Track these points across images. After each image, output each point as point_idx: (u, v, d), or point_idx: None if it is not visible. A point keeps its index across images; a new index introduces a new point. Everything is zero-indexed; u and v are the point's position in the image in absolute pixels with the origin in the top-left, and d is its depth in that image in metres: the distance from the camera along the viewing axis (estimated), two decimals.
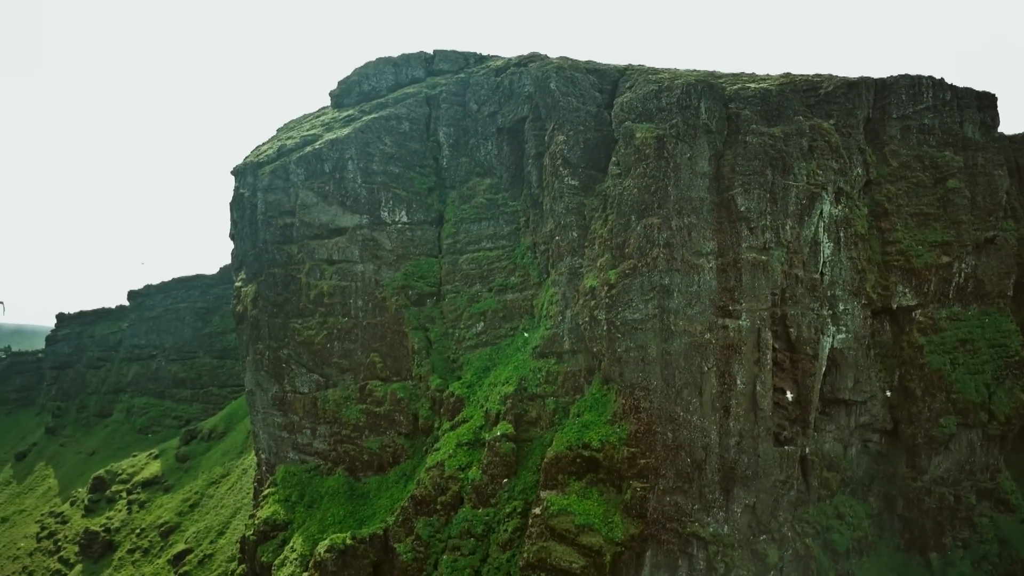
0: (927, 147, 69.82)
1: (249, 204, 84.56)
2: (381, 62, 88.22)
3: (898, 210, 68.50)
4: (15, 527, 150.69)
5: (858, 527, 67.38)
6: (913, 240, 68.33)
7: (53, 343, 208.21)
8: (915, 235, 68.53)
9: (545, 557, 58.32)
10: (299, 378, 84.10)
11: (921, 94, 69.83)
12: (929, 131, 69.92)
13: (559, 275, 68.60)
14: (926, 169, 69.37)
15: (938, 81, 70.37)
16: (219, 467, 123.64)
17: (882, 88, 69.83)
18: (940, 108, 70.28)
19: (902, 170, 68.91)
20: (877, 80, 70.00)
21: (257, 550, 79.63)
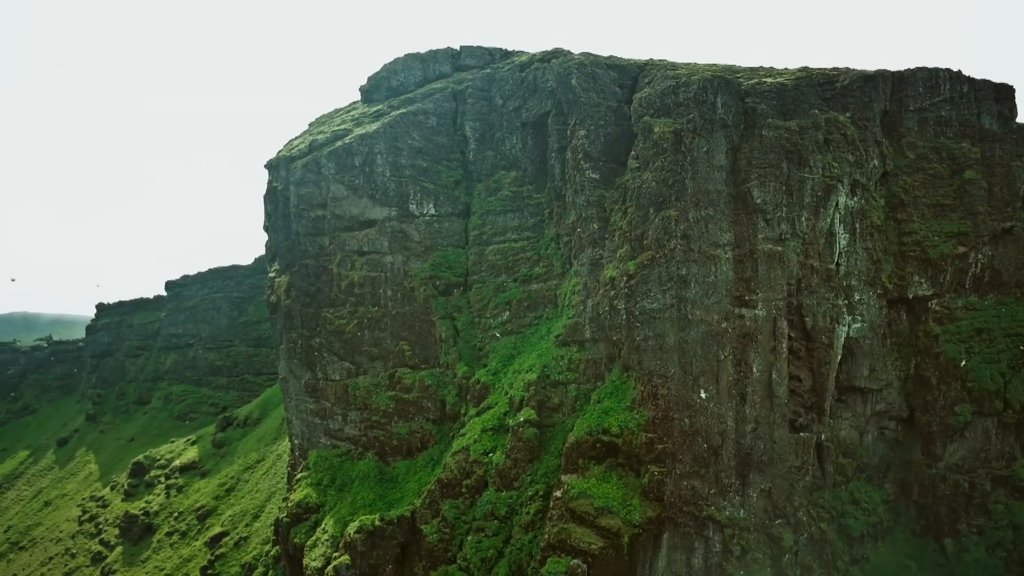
0: (944, 139, 71.29)
1: (282, 197, 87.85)
2: (409, 58, 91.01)
3: (915, 201, 70.08)
4: (58, 511, 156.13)
5: (873, 512, 69.28)
6: (930, 231, 69.91)
7: (93, 332, 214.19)
8: (932, 226, 70.10)
9: (565, 538, 60.85)
10: (331, 366, 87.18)
11: (938, 86, 71.25)
12: (946, 123, 71.37)
13: (581, 266, 71.01)
14: (943, 160, 70.87)
15: (955, 73, 71.78)
16: (254, 453, 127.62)
17: (899, 81, 71.34)
18: (957, 100, 71.67)
19: (919, 161, 70.47)
20: (894, 73, 71.52)
21: (290, 532, 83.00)
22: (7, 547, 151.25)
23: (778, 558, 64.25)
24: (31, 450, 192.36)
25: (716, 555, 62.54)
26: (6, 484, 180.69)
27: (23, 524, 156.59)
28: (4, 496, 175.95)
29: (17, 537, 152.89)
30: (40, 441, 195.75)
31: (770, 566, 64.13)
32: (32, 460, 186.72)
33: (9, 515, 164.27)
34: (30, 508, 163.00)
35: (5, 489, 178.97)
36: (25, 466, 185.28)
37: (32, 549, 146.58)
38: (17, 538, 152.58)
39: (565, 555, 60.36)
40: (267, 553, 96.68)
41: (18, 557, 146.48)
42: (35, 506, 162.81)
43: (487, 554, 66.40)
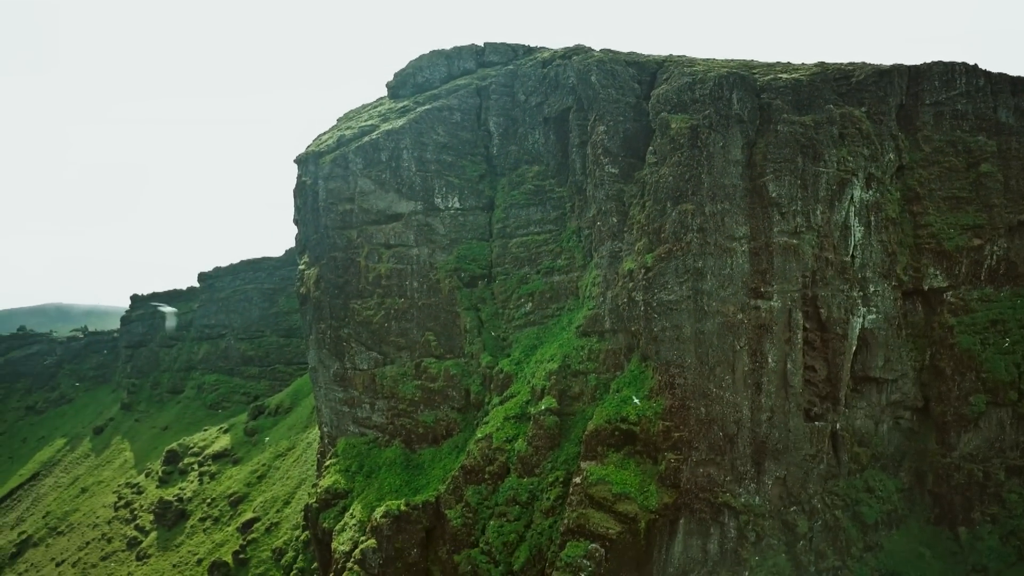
0: (960, 132, 72.61)
1: (311, 191, 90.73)
2: (434, 55, 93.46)
3: (930, 194, 71.59)
4: (94, 497, 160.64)
5: (888, 501, 71.00)
6: (945, 223, 71.38)
7: (128, 323, 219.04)
8: (947, 218, 71.56)
9: (584, 523, 63.11)
10: (359, 356, 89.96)
11: (954, 80, 72.57)
12: (962, 116, 72.68)
13: (600, 258, 73.18)
14: (959, 154, 72.24)
15: (971, 67, 73.05)
16: (285, 440, 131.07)
17: (915, 75, 72.79)
18: (973, 94, 72.93)
19: (935, 155, 71.92)
20: (911, 67, 72.97)
21: (319, 517, 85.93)
22: (45, 532, 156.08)
23: (792, 544, 66.27)
24: (68, 438, 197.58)
25: (731, 540, 64.58)
26: (44, 471, 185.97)
27: (61, 510, 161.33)
28: (42, 483, 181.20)
29: (55, 523, 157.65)
30: (77, 430, 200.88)
31: (784, 552, 66.16)
32: (69, 448, 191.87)
33: (47, 501, 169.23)
34: (67, 495, 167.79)
35: (43, 476, 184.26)
36: (62, 454, 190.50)
37: (70, 534, 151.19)
38: (55, 523, 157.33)
39: (584, 539, 62.60)
40: (297, 538, 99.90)
41: (56, 542, 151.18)
42: (72, 492, 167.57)
43: (509, 538, 68.86)
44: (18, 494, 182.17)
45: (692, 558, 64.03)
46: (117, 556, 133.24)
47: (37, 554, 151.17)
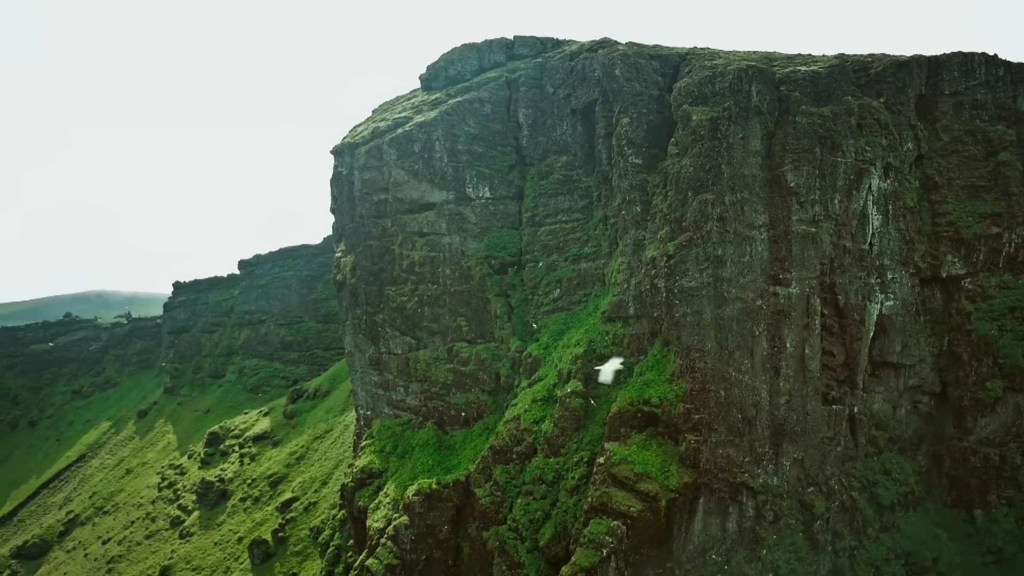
0: (979, 121, 74.46)
1: (347, 182, 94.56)
2: (466, 48, 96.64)
3: (949, 183, 73.65)
4: (138, 478, 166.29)
5: (904, 483, 73.39)
6: (963, 211, 73.41)
7: (170, 309, 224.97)
8: (965, 206, 73.57)
9: (607, 501, 66.00)
10: (393, 340, 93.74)
11: (974, 70, 74.40)
12: (982, 106, 74.52)
13: (625, 246, 76.06)
14: (978, 143, 74.12)
15: (991, 57, 74.77)
16: (323, 423, 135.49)
17: (935, 66, 74.71)
18: (993, 84, 74.71)
19: (954, 144, 73.91)
20: (930, 58, 74.87)
21: (355, 495, 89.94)
22: (92, 512, 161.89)
23: (810, 524, 68.91)
24: (113, 421, 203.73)
25: (749, 520, 67.30)
26: (90, 453, 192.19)
27: (107, 490, 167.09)
28: (89, 464, 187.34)
29: (101, 502, 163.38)
30: (121, 413, 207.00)
31: (802, 531, 68.84)
32: (114, 431, 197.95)
33: (94, 482, 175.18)
34: (113, 475, 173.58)
35: (90, 458, 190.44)
36: (107, 436, 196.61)
37: (115, 513, 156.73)
38: (101, 503, 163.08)
39: (606, 517, 65.29)
40: (334, 517, 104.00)
41: (103, 521, 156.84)
42: (117, 474, 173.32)
43: (535, 516, 72.05)
44: (65, 475, 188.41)
45: (711, 536, 66.79)
46: (161, 534, 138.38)
47: (84, 532, 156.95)
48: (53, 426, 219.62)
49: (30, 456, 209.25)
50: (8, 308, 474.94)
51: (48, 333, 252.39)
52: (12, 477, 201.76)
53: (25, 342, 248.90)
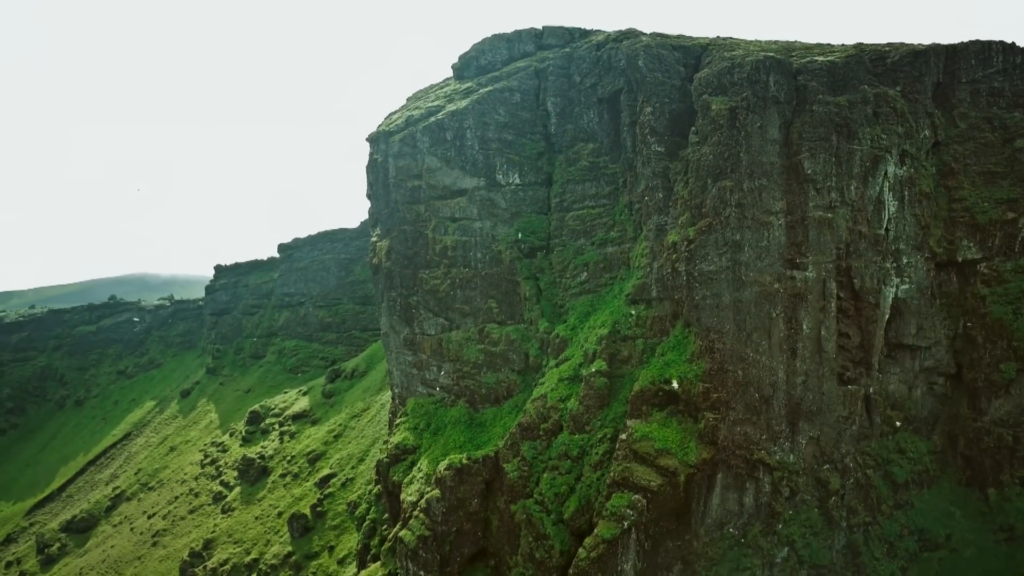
0: (996, 109, 76.63)
1: (382, 168, 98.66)
2: (496, 38, 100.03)
3: (965, 169, 76.04)
4: (182, 455, 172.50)
5: (918, 462, 76.26)
6: (979, 197, 75.75)
7: (212, 292, 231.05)
8: (981, 192, 75.90)
9: (628, 476, 69.45)
10: (426, 322, 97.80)
11: (991, 59, 76.55)
12: (999, 93, 76.66)
13: (648, 231, 79.27)
14: (995, 130, 76.31)
15: (1009, 46, 76.78)
16: (360, 402, 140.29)
17: (952, 54, 76.97)
18: (1010, 71, 76.78)
19: (970, 131, 76.23)
20: (947, 47, 77.12)
21: (390, 471, 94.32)
22: (137, 487, 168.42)
23: (825, 500, 72.11)
24: (157, 401, 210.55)
25: (766, 495, 70.61)
26: (135, 432, 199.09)
27: (151, 467, 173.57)
28: (134, 442, 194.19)
29: (146, 479, 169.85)
30: (165, 393, 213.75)
31: (817, 507, 72.08)
32: (158, 410, 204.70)
33: (139, 459, 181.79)
34: (157, 453, 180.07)
35: (135, 436, 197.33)
36: (152, 415, 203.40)
37: (160, 489, 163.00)
38: (146, 479, 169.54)
39: (628, 491, 68.76)
40: (370, 492, 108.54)
41: (148, 496, 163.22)
42: (161, 451, 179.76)
43: (560, 490, 75.71)
44: (111, 453, 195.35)
45: (728, 510, 70.14)
46: (204, 509, 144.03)
47: (130, 507, 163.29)
48: (99, 405, 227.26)
49: (77, 434, 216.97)
50: (54, 291, 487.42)
51: (94, 315, 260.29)
52: (60, 454, 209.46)
53: (72, 324, 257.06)
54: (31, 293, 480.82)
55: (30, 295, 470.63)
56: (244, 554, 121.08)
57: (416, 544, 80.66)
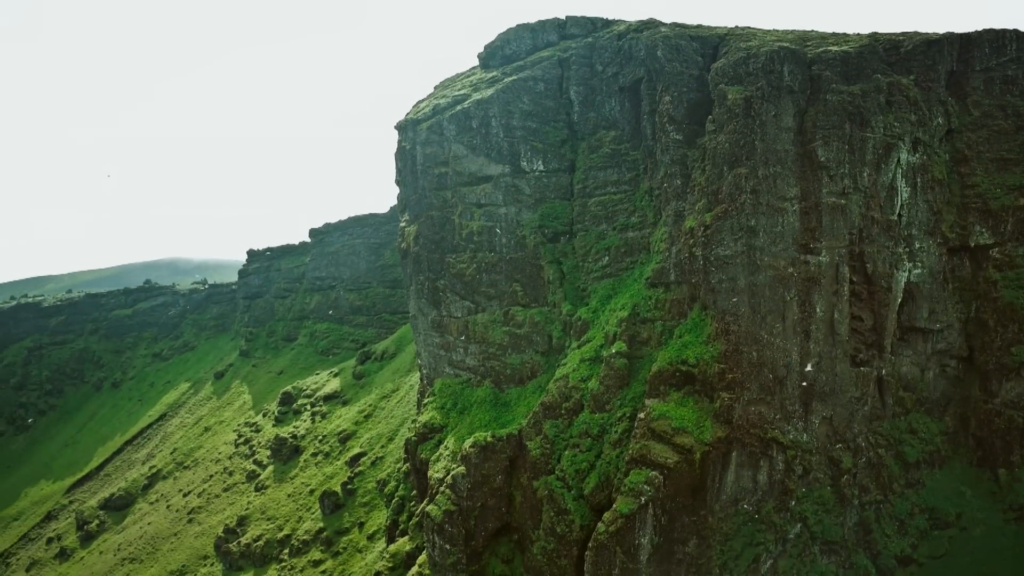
0: (1010, 96, 78.59)
1: (410, 155, 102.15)
2: (520, 28, 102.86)
3: (978, 156, 78.18)
4: (216, 435, 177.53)
5: (930, 442, 78.82)
6: (992, 183, 77.91)
7: (245, 276, 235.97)
8: (994, 179, 78.03)
9: (646, 453, 72.34)
10: (453, 304, 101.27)
11: (1005, 47, 78.44)
12: (1012, 81, 78.60)
13: (667, 216, 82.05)
14: (1008, 117, 78.32)
15: (1022, 34, 78.66)
16: (390, 383, 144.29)
17: (966, 43, 78.96)
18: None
19: (984, 119, 78.33)
20: (961, 35, 79.07)
21: (418, 448, 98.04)
22: (173, 466, 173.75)
23: (837, 478, 74.85)
24: (191, 382, 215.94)
25: (779, 473, 73.37)
26: (171, 413, 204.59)
27: (186, 447, 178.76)
28: (169, 423, 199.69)
29: (182, 458, 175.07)
30: (199, 375, 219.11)
31: (830, 485, 74.84)
32: (193, 391, 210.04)
33: (174, 439, 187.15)
34: (192, 433, 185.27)
35: (170, 417, 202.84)
36: (186, 396, 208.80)
37: (195, 468, 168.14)
38: (182, 459, 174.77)
39: (646, 468, 71.52)
40: (399, 469, 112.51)
41: (183, 475, 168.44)
42: (196, 431, 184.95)
43: (581, 466, 78.78)
44: (148, 433, 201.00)
45: (743, 487, 72.98)
46: (238, 487, 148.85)
47: (166, 486, 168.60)
48: (135, 387, 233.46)
49: (114, 415, 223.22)
50: (89, 275, 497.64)
51: (129, 299, 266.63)
52: (98, 435, 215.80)
53: (108, 308, 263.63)
54: (67, 278, 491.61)
55: (66, 279, 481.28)
56: (277, 530, 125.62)
57: (442, 518, 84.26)
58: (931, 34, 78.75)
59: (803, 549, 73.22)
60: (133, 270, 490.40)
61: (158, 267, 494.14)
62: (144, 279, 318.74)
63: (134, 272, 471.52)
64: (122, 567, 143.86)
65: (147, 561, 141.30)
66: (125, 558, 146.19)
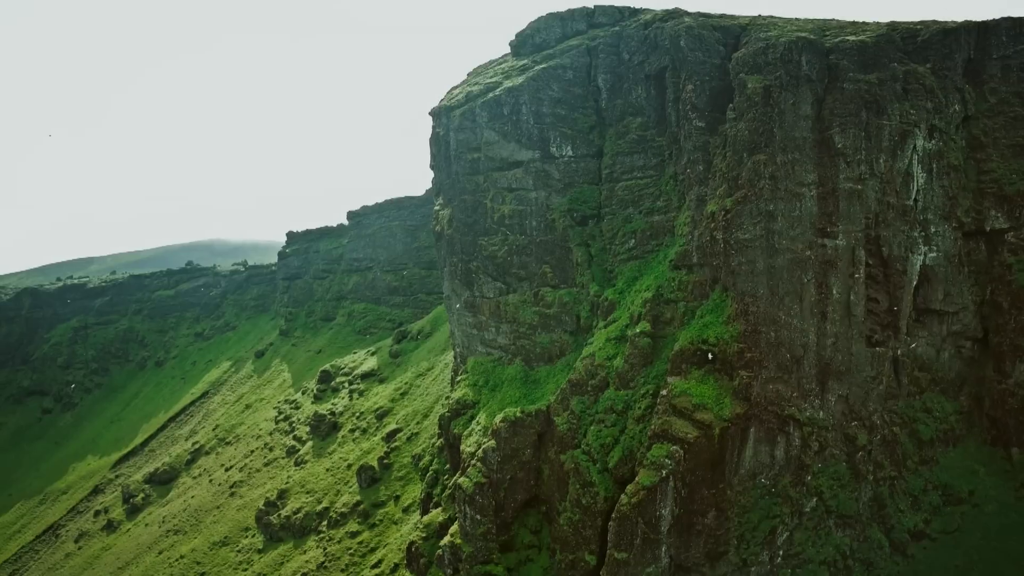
0: None
1: (443, 141, 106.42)
2: (550, 17, 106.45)
3: (994, 142, 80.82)
4: (257, 412, 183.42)
5: (944, 421, 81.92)
6: (1008, 169, 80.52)
7: (284, 258, 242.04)
8: (1010, 164, 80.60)
9: (667, 428, 75.81)
10: (485, 285, 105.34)
11: (1022, 35, 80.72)
12: None
13: (690, 201, 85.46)
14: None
15: None
16: (425, 362, 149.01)
17: (984, 31, 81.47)
18: None
19: (1000, 105, 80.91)
20: (979, 23, 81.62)
21: (451, 424, 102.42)
22: (215, 442, 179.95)
23: (852, 454, 78.21)
24: (233, 361, 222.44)
25: (796, 448, 76.82)
26: (213, 390, 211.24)
27: (228, 423, 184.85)
28: (211, 400, 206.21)
29: (223, 434, 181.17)
30: (240, 354, 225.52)
31: (845, 461, 78.20)
32: (234, 370, 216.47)
33: (216, 416, 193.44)
34: (233, 410, 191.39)
35: (212, 394, 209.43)
36: (228, 375, 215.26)
37: (236, 444, 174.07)
38: (223, 435, 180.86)
39: (667, 442, 74.89)
40: (433, 445, 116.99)
41: (225, 450, 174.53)
42: (237, 408, 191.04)
43: (605, 441, 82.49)
44: (190, 410, 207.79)
45: (760, 462, 76.44)
46: (278, 462, 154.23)
47: (208, 461, 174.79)
48: (178, 366, 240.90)
49: (158, 393, 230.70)
50: (131, 257, 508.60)
51: (172, 280, 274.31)
52: (143, 412, 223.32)
53: (151, 288, 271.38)
54: (109, 259, 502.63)
55: (109, 261, 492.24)
56: (316, 503, 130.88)
57: (473, 490, 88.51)
58: (948, 22, 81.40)
59: (818, 522, 76.73)
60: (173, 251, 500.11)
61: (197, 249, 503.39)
62: (185, 261, 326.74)
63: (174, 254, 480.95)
64: (167, 538, 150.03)
65: (191, 532, 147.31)
66: (169, 530, 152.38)
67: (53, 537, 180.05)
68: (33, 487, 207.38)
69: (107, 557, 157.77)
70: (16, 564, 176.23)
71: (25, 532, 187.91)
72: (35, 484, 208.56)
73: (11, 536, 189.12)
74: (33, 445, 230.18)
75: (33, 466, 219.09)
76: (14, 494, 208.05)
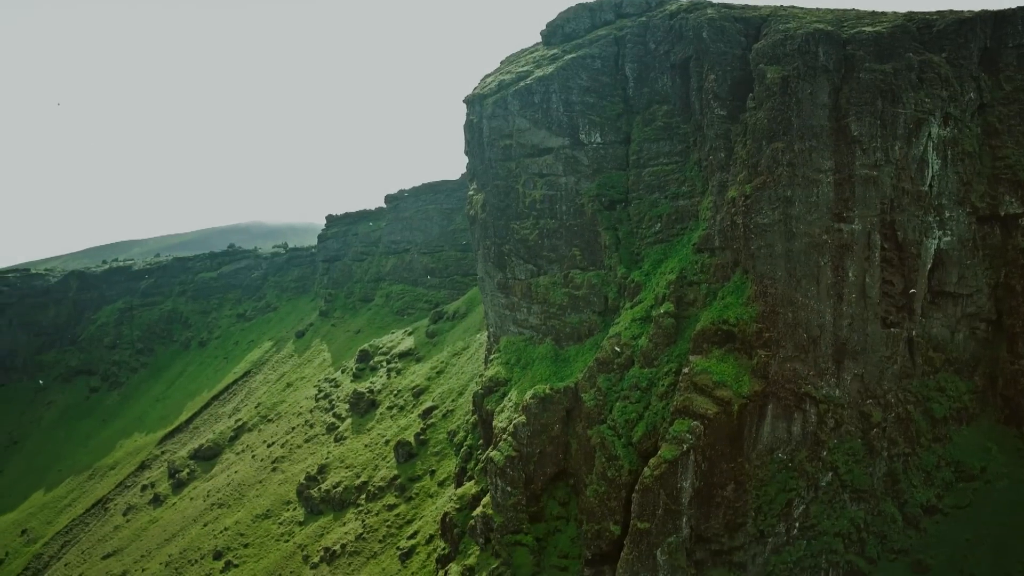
0: None
1: (477, 128, 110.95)
2: (580, 7, 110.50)
3: (1009, 129, 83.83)
4: (298, 390, 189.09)
5: (958, 399, 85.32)
6: (1022, 155, 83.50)
7: (324, 240, 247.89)
8: None
9: (689, 405, 79.62)
10: (517, 268, 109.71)
11: None
12: None
13: (712, 187, 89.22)
14: None
15: None
16: (460, 341, 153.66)
17: (1000, 20, 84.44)
18: None
19: (1015, 93, 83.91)
20: (995, 13, 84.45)
21: (484, 401, 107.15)
22: (258, 420, 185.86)
23: (867, 431, 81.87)
24: (274, 341, 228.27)
25: (812, 425, 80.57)
26: (255, 370, 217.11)
27: (270, 401, 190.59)
28: (253, 379, 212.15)
29: (265, 412, 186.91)
30: (281, 334, 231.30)
31: (860, 437, 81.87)
32: (275, 349, 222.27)
33: (258, 394, 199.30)
34: (275, 389, 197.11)
35: (254, 373, 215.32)
36: (269, 354, 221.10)
37: (278, 421, 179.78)
38: (265, 412, 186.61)
39: (688, 418, 78.65)
40: (467, 421, 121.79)
41: (267, 427, 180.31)
42: (279, 387, 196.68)
43: (630, 416, 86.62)
44: (233, 389, 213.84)
45: (778, 438, 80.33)
46: (318, 439, 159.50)
47: (251, 437, 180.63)
48: (221, 346, 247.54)
49: (202, 372, 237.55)
50: (173, 239, 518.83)
51: (214, 262, 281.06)
52: (187, 390, 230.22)
53: (195, 271, 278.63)
54: (152, 242, 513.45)
55: (151, 243, 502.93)
56: (355, 477, 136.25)
57: (504, 463, 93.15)
58: (964, 12, 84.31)
59: (833, 496, 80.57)
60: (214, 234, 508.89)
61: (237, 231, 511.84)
62: (226, 243, 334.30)
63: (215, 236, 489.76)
64: (211, 511, 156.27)
65: (234, 506, 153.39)
66: (214, 503, 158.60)
67: (102, 510, 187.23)
68: (82, 463, 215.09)
69: (154, 529, 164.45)
70: (68, 535, 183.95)
71: (75, 506, 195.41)
72: (84, 460, 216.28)
73: (62, 510, 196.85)
74: (81, 423, 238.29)
75: (82, 443, 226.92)
76: (63, 470, 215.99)
